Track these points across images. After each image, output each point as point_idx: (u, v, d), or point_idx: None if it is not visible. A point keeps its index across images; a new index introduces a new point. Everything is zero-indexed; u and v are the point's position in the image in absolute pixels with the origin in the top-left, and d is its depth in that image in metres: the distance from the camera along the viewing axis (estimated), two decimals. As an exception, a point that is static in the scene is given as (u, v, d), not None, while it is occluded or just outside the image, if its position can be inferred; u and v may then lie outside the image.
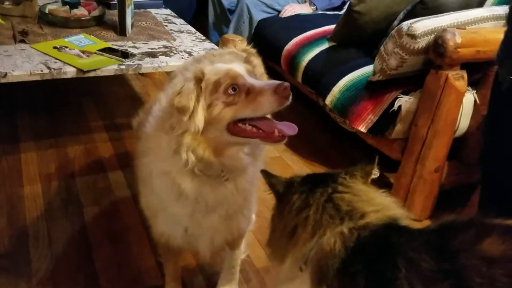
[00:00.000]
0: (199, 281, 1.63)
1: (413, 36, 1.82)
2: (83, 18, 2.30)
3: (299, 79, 2.45)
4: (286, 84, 1.00)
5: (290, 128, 1.06)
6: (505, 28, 1.88)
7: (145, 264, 1.67)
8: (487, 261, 0.79)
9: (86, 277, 1.60)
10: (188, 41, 2.30)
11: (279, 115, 1.54)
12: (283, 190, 0.98)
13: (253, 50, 1.54)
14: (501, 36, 1.84)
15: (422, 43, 1.83)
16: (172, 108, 1.03)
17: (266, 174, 1.02)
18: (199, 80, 1.03)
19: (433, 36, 1.81)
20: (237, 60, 1.19)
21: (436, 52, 1.79)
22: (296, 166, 2.36)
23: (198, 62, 1.36)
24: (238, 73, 1.03)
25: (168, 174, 1.10)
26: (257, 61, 1.48)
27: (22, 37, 2.03)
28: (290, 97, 1.02)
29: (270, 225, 1.05)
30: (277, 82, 1.01)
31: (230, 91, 1.02)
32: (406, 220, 0.93)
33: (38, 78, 1.78)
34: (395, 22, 2.15)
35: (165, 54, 2.09)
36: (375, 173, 1.02)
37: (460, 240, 0.82)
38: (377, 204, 0.93)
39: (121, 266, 1.65)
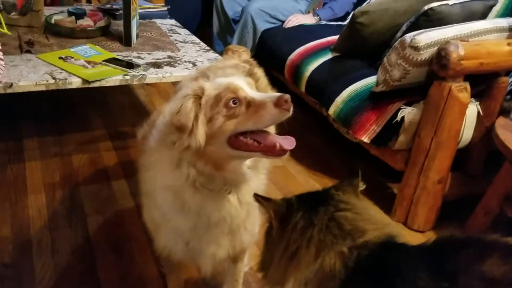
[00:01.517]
0: (202, 293, 1.64)
1: (416, 48, 1.83)
2: (88, 28, 2.32)
3: (303, 89, 2.46)
4: (287, 96, 1.00)
5: (288, 142, 1.05)
6: (509, 40, 1.89)
7: (148, 274, 1.67)
8: (488, 282, 0.77)
9: (89, 286, 1.60)
10: (192, 51, 2.32)
11: (283, 126, 1.55)
12: (286, 210, 0.96)
13: (255, 62, 1.55)
14: (504, 48, 1.86)
15: (425, 55, 1.84)
16: (171, 126, 1.04)
17: (261, 198, 0.98)
18: (198, 97, 1.03)
19: (436, 48, 1.82)
20: (239, 73, 1.20)
21: (439, 64, 1.79)
22: (300, 176, 2.36)
23: (203, 74, 1.37)
24: (238, 86, 1.04)
25: (171, 188, 1.10)
26: (261, 73, 1.49)
27: (28, 47, 2.06)
28: (291, 109, 1.01)
29: (264, 250, 1.02)
30: (278, 94, 1.01)
31: (231, 104, 1.02)
32: (403, 238, 0.92)
33: (43, 88, 1.80)
34: (399, 34, 2.16)
35: (169, 64, 2.10)
36: (362, 186, 1.02)
37: (459, 259, 0.81)
38: (377, 222, 0.93)
39: (124, 276, 1.65)
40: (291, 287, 0.93)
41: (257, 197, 0.97)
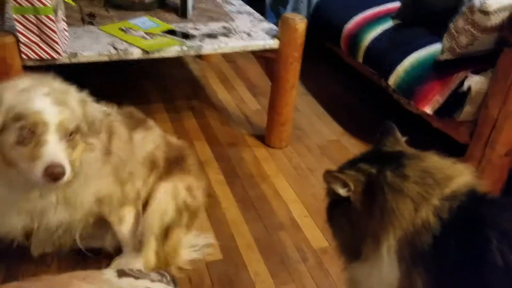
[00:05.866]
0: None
1: (486, 13, 1.72)
2: (146, 1, 2.35)
3: (360, 59, 2.38)
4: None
5: None
6: None
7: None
8: None
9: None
10: (247, 21, 2.30)
11: (333, 91, 1.49)
12: (366, 179, 0.91)
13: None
14: None
15: (495, 20, 1.73)
16: None
17: (333, 172, 0.93)
18: None
19: (507, 12, 1.70)
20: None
21: (511, 29, 1.68)
22: (354, 150, 2.31)
23: None
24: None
25: None
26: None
27: (90, 19, 2.11)
28: None
29: (348, 231, 0.97)
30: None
31: None
32: (481, 187, 0.89)
33: (106, 59, 1.84)
34: (466, -2, 2.04)
35: (224, 35, 2.10)
36: (404, 137, 1.02)
37: None
38: (457, 170, 0.90)
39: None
40: (387, 246, 0.87)
41: (328, 172, 0.93)
